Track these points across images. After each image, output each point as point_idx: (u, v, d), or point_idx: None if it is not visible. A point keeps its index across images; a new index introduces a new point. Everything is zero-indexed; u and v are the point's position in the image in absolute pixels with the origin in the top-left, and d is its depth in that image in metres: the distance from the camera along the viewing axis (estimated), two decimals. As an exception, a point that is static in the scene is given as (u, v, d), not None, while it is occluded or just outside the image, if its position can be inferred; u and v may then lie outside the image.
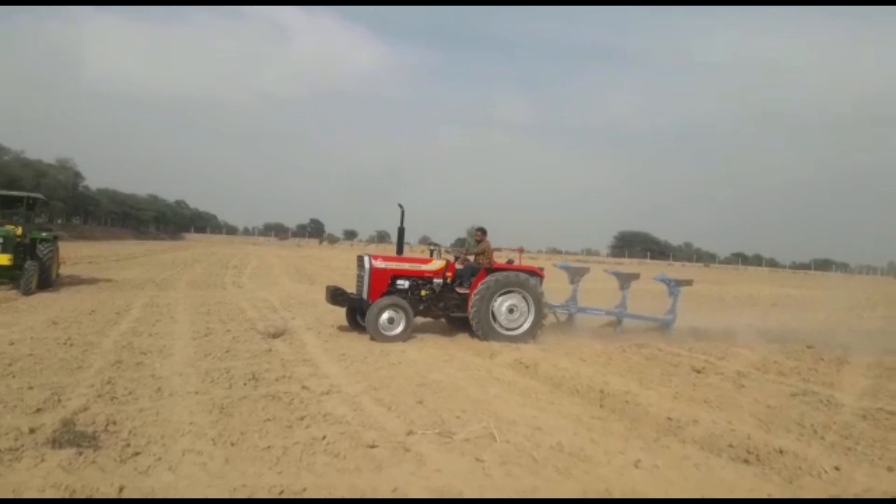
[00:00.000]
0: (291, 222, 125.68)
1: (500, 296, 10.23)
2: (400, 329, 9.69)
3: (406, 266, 10.48)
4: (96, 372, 6.68)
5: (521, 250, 12.19)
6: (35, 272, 13.72)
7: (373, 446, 4.77)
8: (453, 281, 10.62)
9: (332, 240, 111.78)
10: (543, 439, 5.16)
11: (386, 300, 9.81)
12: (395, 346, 9.13)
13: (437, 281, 10.46)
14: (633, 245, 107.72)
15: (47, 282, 14.68)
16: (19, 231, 14.57)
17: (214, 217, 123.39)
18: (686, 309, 13.04)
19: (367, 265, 10.22)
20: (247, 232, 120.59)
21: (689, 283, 13.13)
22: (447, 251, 11.60)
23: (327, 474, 4.22)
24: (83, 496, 3.63)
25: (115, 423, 5.03)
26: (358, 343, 9.30)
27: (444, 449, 4.85)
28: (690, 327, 12.07)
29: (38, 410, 5.23)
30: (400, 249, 11.17)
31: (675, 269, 64.82)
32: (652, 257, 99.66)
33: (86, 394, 5.80)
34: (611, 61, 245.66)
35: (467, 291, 10.44)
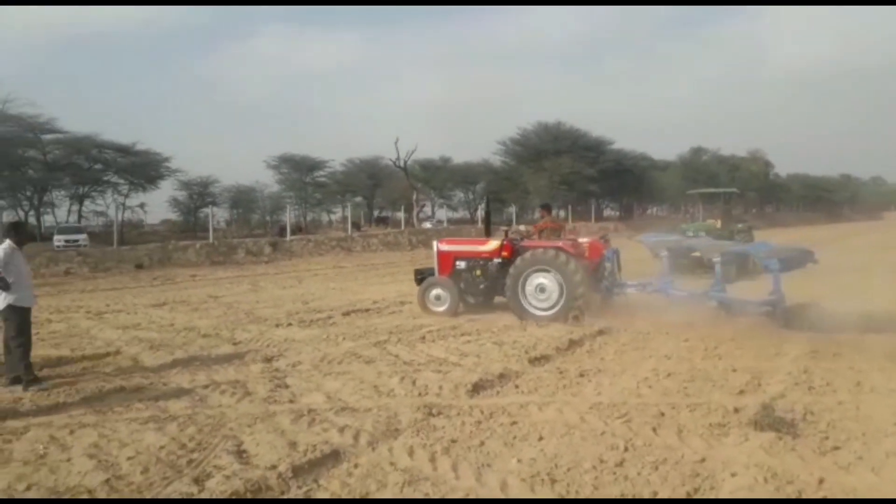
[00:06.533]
0: None
1: (530, 275, 9.72)
2: (446, 307, 10.31)
3: (465, 248, 10.97)
4: (792, 360, 6.83)
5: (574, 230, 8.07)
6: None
7: None
8: (511, 260, 10.11)
9: None
10: None
11: (433, 279, 10.62)
12: None
13: (495, 261, 10.36)
14: None
15: (745, 269, 15.68)
16: (718, 224, 16.16)
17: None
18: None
19: (434, 248, 11.05)
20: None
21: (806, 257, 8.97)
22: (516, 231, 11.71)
23: None
24: (784, 481, 3.82)
25: (812, 413, 5.06)
26: None
27: None
28: None
29: (741, 392, 5.71)
30: (487, 231, 11.96)
31: None
32: None
33: (783, 381, 6.01)
34: None
35: None
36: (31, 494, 3.84)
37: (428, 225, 44.52)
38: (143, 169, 42.85)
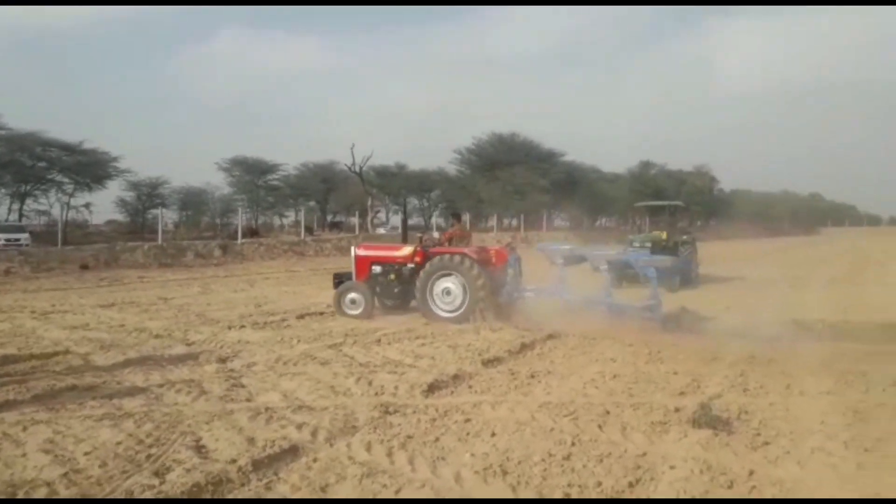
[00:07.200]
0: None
1: (438, 279, 10.23)
2: (360, 310, 10.55)
3: (381, 253, 11.39)
4: (729, 364, 7.22)
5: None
6: (678, 272, 15.44)
7: None
8: (422, 266, 10.56)
9: None
10: None
11: (350, 283, 10.97)
12: None
13: (409, 266, 10.79)
14: None
15: (688, 280, 16.31)
16: (664, 235, 16.72)
17: (853, 208, 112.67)
18: None
19: (352, 252, 11.48)
20: (893, 221, 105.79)
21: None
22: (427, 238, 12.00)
23: None
24: (718, 473, 4.10)
25: (746, 412, 5.39)
26: None
27: None
28: None
29: (681, 393, 6.04)
30: (404, 238, 12.29)
31: None
32: None
33: (721, 383, 6.38)
34: None
35: None
36: (-14, 488, 3.84)
37: (382, 231, 44.48)
38: (89, 168, 41.80)
